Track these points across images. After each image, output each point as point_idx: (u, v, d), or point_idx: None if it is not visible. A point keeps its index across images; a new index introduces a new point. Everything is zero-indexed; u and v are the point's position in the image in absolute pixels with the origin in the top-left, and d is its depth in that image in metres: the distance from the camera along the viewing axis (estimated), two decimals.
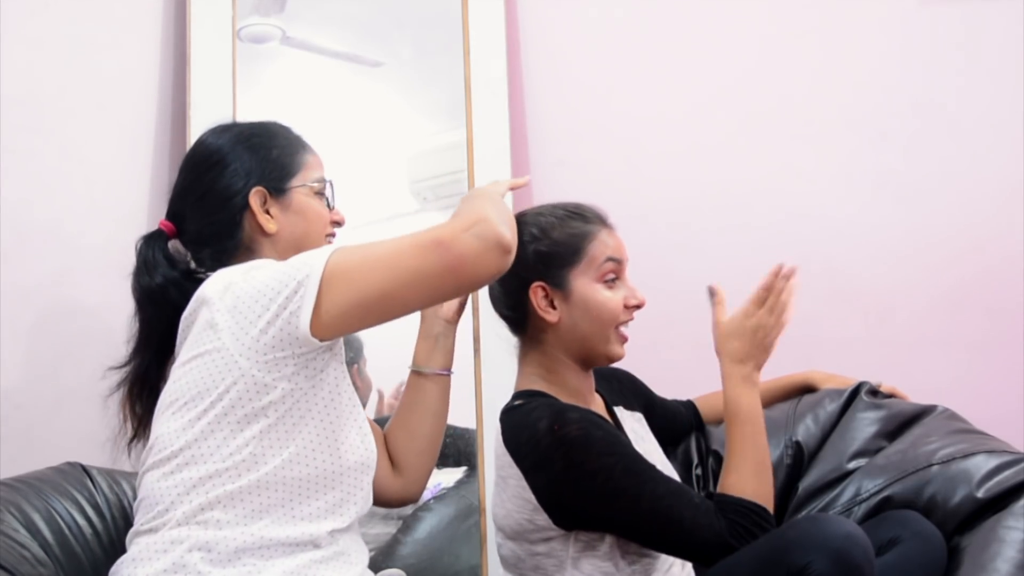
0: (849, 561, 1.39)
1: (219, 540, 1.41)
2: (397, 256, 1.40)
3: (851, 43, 2.53)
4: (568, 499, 1.56)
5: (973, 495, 1.70)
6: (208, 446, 1.43)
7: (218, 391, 1.43)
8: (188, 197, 1.65)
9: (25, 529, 1.67)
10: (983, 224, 2.48)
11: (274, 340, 1.40)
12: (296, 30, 2.43)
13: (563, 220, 1.69)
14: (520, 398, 1.68)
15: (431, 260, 1.38)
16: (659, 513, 1.52)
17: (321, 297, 1.38)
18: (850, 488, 1.84)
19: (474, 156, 2.39)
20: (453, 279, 1.39)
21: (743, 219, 2.49)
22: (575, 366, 1.69)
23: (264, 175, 1.62)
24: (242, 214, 1.60)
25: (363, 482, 1.53)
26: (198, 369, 1.45)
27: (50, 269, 2.19)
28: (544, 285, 1.66)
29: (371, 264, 1.40)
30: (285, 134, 1.68)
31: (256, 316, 1.41)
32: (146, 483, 1.48)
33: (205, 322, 1.46)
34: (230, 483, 1.42)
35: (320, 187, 1.66)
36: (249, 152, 1.63)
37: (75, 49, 2.27)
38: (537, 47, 2.52)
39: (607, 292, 1.66)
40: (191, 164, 1.66)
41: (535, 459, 1.58)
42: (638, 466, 1.55)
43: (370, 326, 1.44)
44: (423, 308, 1.44)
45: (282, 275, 1.42)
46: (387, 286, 1.39)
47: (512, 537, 1.64)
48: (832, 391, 2.00)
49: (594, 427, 1.57)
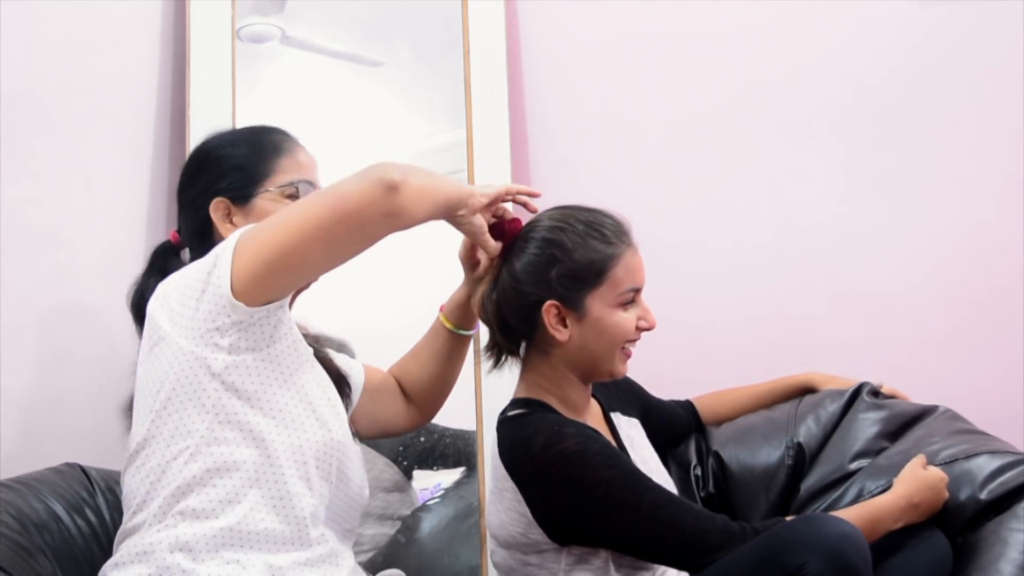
0: (845, 561, 1.39)
1: (198, 536, 1.41)
2: (290, 211, 1.45)
3: (851, 43, 2.53)
4: (566, 513, 1.55)
5: (976, 496, 1.70)
6: (165, 432, 1.45)
7: (165, 375, 1.45)
8: (178, 204, 1.71)
9: (24, 530, 1.66)
10: (983, 224, 2.48)
11: (207, 313, 1.43)
12: (296, 30, 2.43)
13: (585, 239, 1.62)
14: (518, 407, 1.67)
15: (319, 205, 1.42)
16: (659, 523, 1.52)
17: (234, 264, 1.42)
18: (852, 489, 1.84)
19: (474, 156, 2.39)
20: (342, 223, 1.41)
21: (744, 219, 2.49)
22: (577, 380, 1.68)
23: (229, 184, 1.64)
24: (208, 225, 1.64)
25: (332, 458, 1.52)
26: (149, 363, 1.48)
27: (50, 269, 2.18)
28: (559, 305, 1.62)
29: (269, 224, 1.44)
30: (265, 139, 1.68)
31: (187, 299, 1.45)
32: (123, 482, 1.51)
33: (148, 324, 1.50)
34: (193, 463, 1.43)
35: (289, 190, 1.64)
36: (219, 161, 1.66)
37: (75, 49, 2.27)
38: (537, 47, 2.51)
39: (622, 314, 1.63)
40: (181, 170, 1.72)
41: (531, 473, 1.57)
42: (636, 479, 1.55)
43: (288, 287, 1.47)
44: (328, 263, 1.44)
45: (204, 260, 1.47)
46: (285, 238, 1.41)
47: (505, 546, 1.64)
48: (833, 392, 2.00)
49: (591, 441, 1.57)
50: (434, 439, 2.35)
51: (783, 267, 2.48)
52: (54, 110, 2.25)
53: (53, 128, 2.24)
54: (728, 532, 1.52)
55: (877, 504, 1.64)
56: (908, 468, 1.70)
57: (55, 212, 2.23)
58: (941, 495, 1.67)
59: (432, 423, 2.31)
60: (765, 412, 2.03)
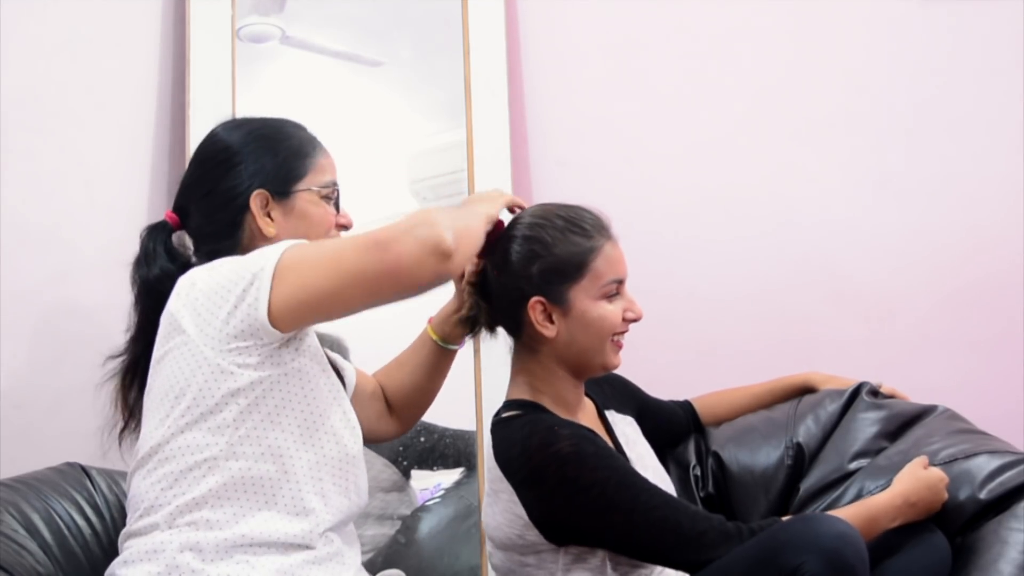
0: (842, 561, 1.39)
1: (209, 539, 1.41)
2: (340, 255, 1.43)
3: (852, 43, 2.53)
4: (561, 515, 1.55)
5: (976, 496, 1.69)
6: (182, 442, 1.44)
7: (187, 383, 1.44)
8: (194, 191, 1.65)
9: (24, 529, 1.67)
10: (984, 224, 2.48)
11: (237, 330, 1.42)
12: (296, 30, 2.43)
13: (565, 233, 1.64)
14: (511, 408, 1.67)
15: (370, 261, 1.40)
16: (655, 524, 1.52)
17: (274, 290, 1.41)
18: (852, 489, 1.84)
19: (474, 156, 2.39)
20: (391, 281, 1.41)
21: (744, 219, 2.49)
22: (569, 377, 1.68)
23: (269, 177, 1.61)
24: (243, 215, 1.61)
25: (349, 473, 1.53)
26: (168, 366, 1.47)
27: (50, 269, 2.19)
28: (543, 300, 1.63)
29: (316, 261, 1.43)
30: (298, 134, 1.67)
31: (217, 307, 1.43)
32: (132, 483, 1.50)
33: (169, 320, 1.48)
34: (211, 477, 1.43)
35: (327, 191, 1.65)
36: (257, 152, 1.62)
37: (75, 49, 2.27)
38: (537, 47, 2.51)
39: (607, 306, 1.64)
40: (200, 158, 1.66)
41: (526, 475, 1.57)
42: (631, 479, 1.55)
43: (322, 321, 1.48)
44: (369, 308, 1.45)
45: (240, 268, 1.45)
46: (329, 284, 1.41)
47: (502, 548, 1.64)
48: (833, 391, 2.00)
49: (586, 442, 1.57)
50: (434, 439, 2.34)
51: (783, 266, 2.48)
52: (54, 110, 2.25)
53: (53, 128, 2.24)
54: (724, 532, 1.52)
55: (874, 503, 1.64)
56: (908, 467, 1.70)
57: (55, 212, 2.23)
58: (939, 495, 1.67)
59: (432, 423, 2.31)
60: (764, 412, 2.02)
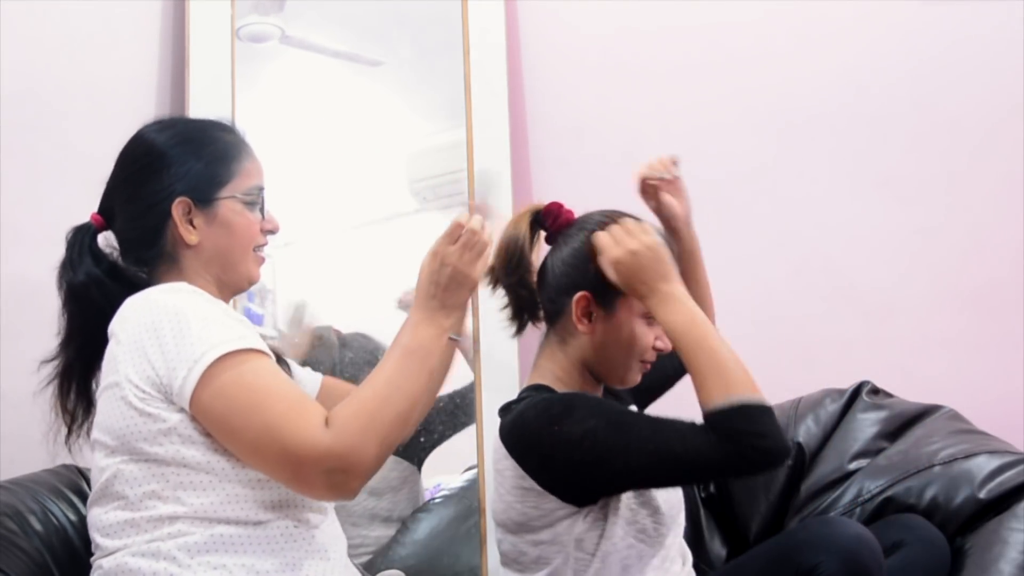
0: (859, 562, 1.40)
1: (181, 545, 1.41)
2: (261, 418, 1.39)
3: (852, 43, 2.53)
4: (566, 472, 1.55)
5: (975, 496, 1.70)
6: (122, 482, 1.44)
7: (120, 424, 1.44)
8: (118, 194, 1.61)
9: (21, 531, 1.67)
10: (984, 224, 2.48)
11: (160, 393, 1.42)
12: (295, 29, 2.43)
13: None
14: (526, 392, 1.67)
15: (274, 456, 1.39)
16: (651, 455, 1.50)
17: (196, 393, 1.40)
18: (852, 489, 1.84)
19: (474, 156, 2.39)
20: (286, 480, 1.42)
21: (743, 219, 2.49)
22: (592, 381, 1.69)
23: (191, 184, 1.56)
24: (166, 222, 1.55)
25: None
26: (104, 402, 1.47)
27: (50, 269, 2.18)
28: (590, 298, 1.63)
29: (239, 406, 1.40)
30: (224, 138, 1.61)
31: (147, 364, 1.42)
32: (91, 516, 1.49)
33: (111, 354, 1.47)
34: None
35: (251, 198, 1.59)
36: (182, 156, 1.57)
37: (74, 49, 2.27)
38: (537, 47, 2.51)
39: (645, 327, 1.64)
40: (124, 160, 1.62)
41: (527, 444, 1.57)
42: (620, 418, 1.55)
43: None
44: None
45: (179, 345, 1.41)
46: (239, 433, 1.40)
47: (514, 531, 1.63)
48: (833, 391, 2.00)
49: (576, 398, 1.58)
50: (434, 439, 2.34)
51: (784, 267, 2.48)
52: (54, 110, 2.25)
53: (53, 127, 2.24)
54: (709, 441, 1.48)
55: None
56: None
57: (55, 212, 2.22)
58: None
59: (432, 423, 2.31)
60: None
